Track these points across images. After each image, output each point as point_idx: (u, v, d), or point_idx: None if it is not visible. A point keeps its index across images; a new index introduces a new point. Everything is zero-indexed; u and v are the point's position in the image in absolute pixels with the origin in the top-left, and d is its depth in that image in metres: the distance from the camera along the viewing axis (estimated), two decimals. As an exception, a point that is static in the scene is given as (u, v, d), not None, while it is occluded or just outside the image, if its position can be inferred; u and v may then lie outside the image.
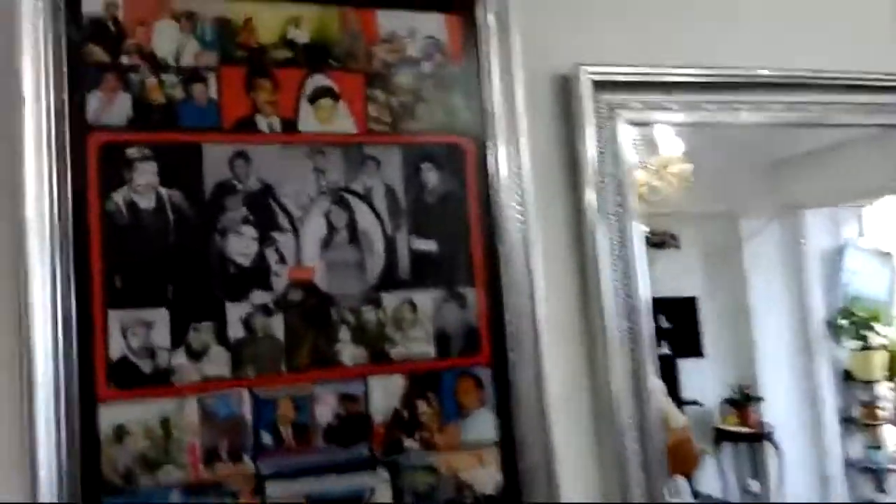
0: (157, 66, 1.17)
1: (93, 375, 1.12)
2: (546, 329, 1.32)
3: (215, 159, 1.18)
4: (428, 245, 1.27)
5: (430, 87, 1.31)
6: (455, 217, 1.28)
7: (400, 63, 1.29)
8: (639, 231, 1.44)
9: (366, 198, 1.25)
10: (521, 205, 1.36)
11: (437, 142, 1.29)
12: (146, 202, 1.15)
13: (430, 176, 1.29)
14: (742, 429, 1.98)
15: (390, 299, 1.23)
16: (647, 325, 1.42)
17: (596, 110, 1.38)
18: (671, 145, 1.86)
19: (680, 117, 1.50)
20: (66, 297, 1.11)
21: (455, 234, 1.27)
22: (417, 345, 1.25)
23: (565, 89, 1.39)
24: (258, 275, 1.19)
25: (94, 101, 1.13)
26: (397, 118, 1.28)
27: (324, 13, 1.26)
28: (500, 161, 1.30)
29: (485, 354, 1.30)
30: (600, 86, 1.36)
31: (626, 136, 1.46)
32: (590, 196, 1.36)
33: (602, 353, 1.29)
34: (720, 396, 1.97)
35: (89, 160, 1.12)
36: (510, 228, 1.30)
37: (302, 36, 1.28)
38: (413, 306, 1.25)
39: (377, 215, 1.26)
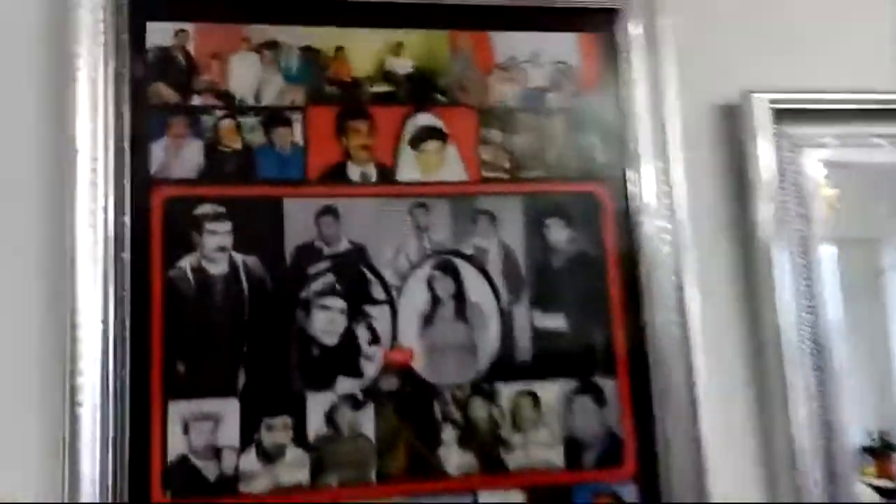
0: (234, 106, 1.03)
1: (147, 479, 0.93)
2: (710, 434, 0.97)
3: (299, 217, 1.02)
4: (555, 322, 1.06)
5: (558, 124, 1.11)
6: (590, 286, 1.07)
7: (521, 95, 1.10)
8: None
9: (478, 262, 1.05)
10: (676, 272, 1.06)
11: (567, 191, 1.09)
12: (217, 269, 0.99)
13: (559, 234, 1.08)
14: (882, 482, 1.50)
15: (507, 391, 1.03)
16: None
17: (776, 145, 1.04)
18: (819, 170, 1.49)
19: (847, 149, 1.21)
20: (119, 384, 0.94)
21: (590, 307, 1.06)
22: (541, 451, 1.03)
23: (732, 120, 1.16)
24: (346, 357, 1.02)
25: (158, 149, 0.99)
26: (518, 163, 1.08)
27: (429, 38, 1.09)
28: (649, 213, 1.08)
29: (629, 467, 1.02)
30: (779, 115, 1.13)
31: (810, 172, 1.10)
32: (770, 257, 1.09)
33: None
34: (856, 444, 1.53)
35: (152, 219, 0.98)
36: (662, 300, 1.07)
37: (403, 66, 1.10)
38: (535, 400, 1.03)
39: (491, 284, 1.06)
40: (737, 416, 1.06)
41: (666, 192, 1.07)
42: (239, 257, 0.99)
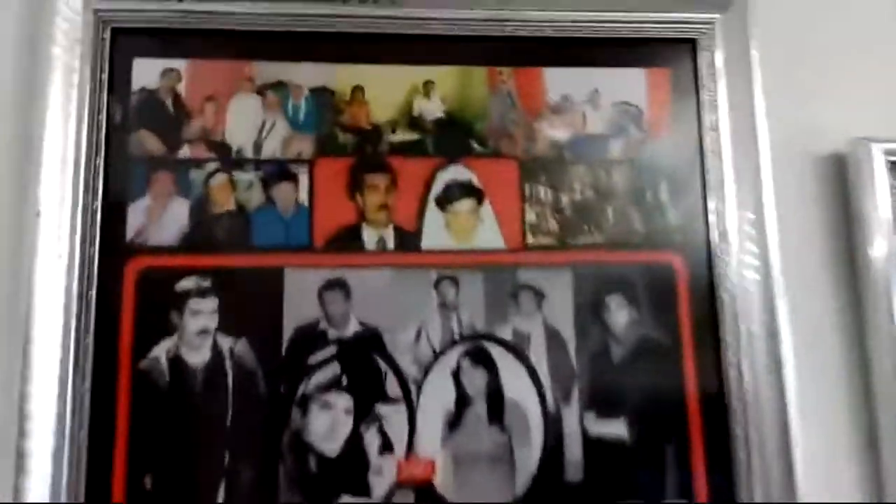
0: (229, 159, 0.90)
1: None
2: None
3: (300, 292, 0.87)
4: (615, 429, 0.89)
5: (621, 177, 0.95)
6: (660, 383, 0.89)
7: (576, 142, 0.95)
8: None
9: (518, 350, 0.89)
10: (775, 359, 0.87)
11: (632, 261, 0.92)
12: (198, 357, 0.84)
13: (620, 315, 0.91)
14: None
15: None
16: None
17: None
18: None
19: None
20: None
21: (660, 411, 0.88)
22: None
23: (838, 171, 0.97)
24: (350, 470, 0.84)
25: (137, 211, 0.87)
26: (570, 227, 0.93)
27: (464, 75, 0.95)
28: (736, 288, 0.90)
29: None
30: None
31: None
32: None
33: None
34: None
35: (124, 295, 0.84)
36: (756, 406, 0.88)
37: (433, 109, 0.94)
38: None
39: (534, 379, 0.89)
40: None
41: (761, 256, 0.88)
42: (225, 342, 0.85)
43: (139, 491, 0.80)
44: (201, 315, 0.85)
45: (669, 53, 0.97)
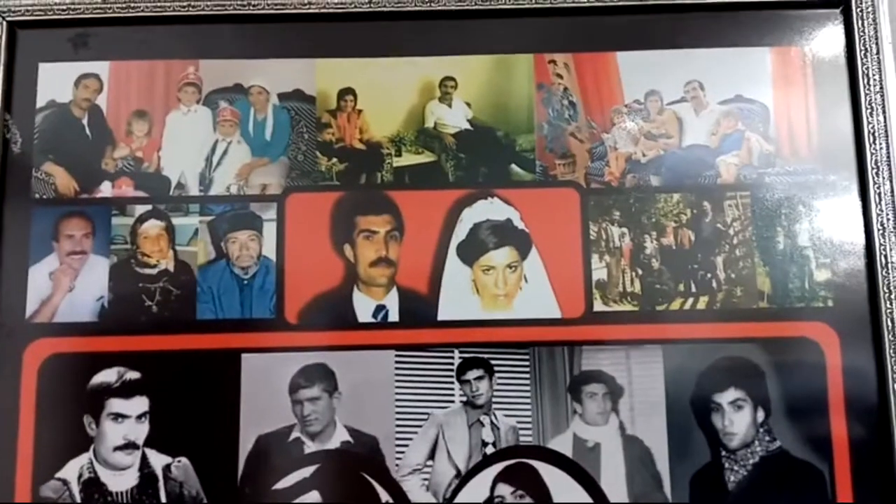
0: (166, 197, 0.88)
1: None
2: None
3: (264, 385, 0.84)
4: None
5: (737, 212, 0.88)
6: None
7: (667, 161, 0.90)
8: None
9: (581, 471, 0.84)
10: None
11: (755, 337, 0.86)
12: (121, 482, 0.82)
13: (738, 420, 0.85)
14: None
15: None
16: None
17: None
18: None
19: None
20: None
21: None
22: None
23: None
24: None
25: (40, 276, 0.86)
26: (659, 287, 0.87)
27: (500, 67, 0.92)
28: None
29: None
30: None
31: None
32: None
33: None
34: None
35: (21, 394, 0.83)
36: None
37: (455, 118, 0.90)
38: None
39: None
40: None
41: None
42: (158, 461, 0.83)
43: None
44: (125, 421, 0.83)
45: (808, 24, 0.90)
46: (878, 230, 0.87)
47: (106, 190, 0.88)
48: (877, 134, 0.88)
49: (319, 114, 0.90)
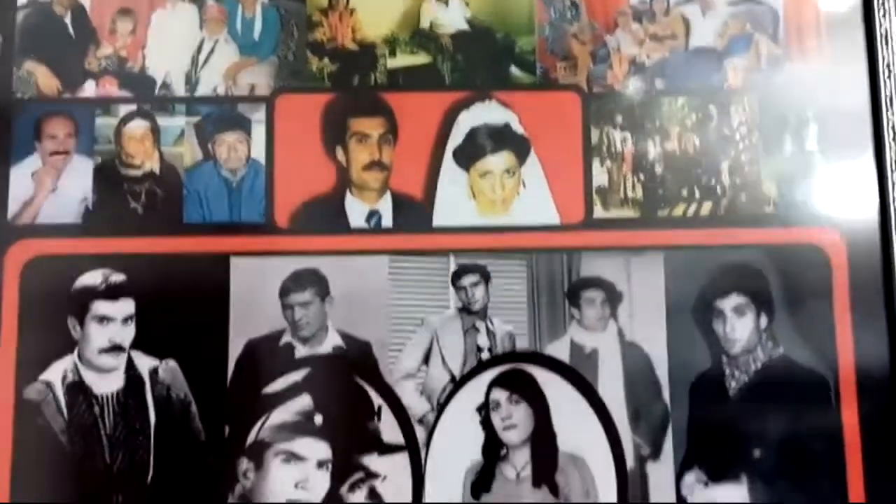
0: (151, 97, 0.96)
1: None
2: None
3: (254, 289, 0.92)
4: (731, 496, 0.90)
5: (744, 116, 0.96)
6: (805, 427, 0.90)
7: (672, 64, 0.97)
8: None
9: (578, 376, 0.92)
10: None
11: (758, 242, 0.94)
12: (106, 384, 0.91)
13: (740, 325, 0.93)
14: None
15: None
16: None
17: None
18: None
19: None
20: None
21: (805, 469, 0.90)
22: None
23: None
24: None
25: (22, 177, 0.94)
26: (661, 192, 0.95)
27: None
28: None
29: None
30: None
31: None
32: None
33: None
34: None
35: (3, 296, 0.91)
36: None
37: (451, 17, 0.98)
38: None
39: (604, 418, 0.91)
40: None
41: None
42: (145, 363, 0.91)
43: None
44: (111, 324, 0.91)
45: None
46: (888, 135, 0.95)
47: (89, 89, 0.97)
48: (890, 37, 0.96)
49: (310, 12, 0.98)
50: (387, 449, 0.91)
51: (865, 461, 0.90)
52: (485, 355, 0.93)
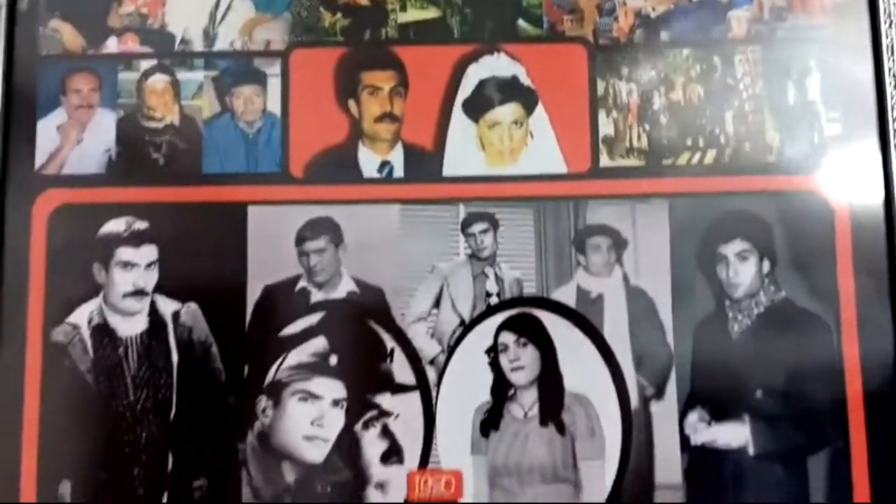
0: (171, 53, 0.99)
1: None
2: None
3: (270, 237, 0.95)
4: (732, 434, 0.92)
5: (748, 67, 0.98)
6: (805, 368, 0.92)
7: (677, 14, 0.99)
8: None
9: (584, 320, 0.94)
10: None
11: (761, 190, 0.96)
12: (130, 326, 0.94)
13: (743, 270, 0.95)
14: None
15: None
16: None
17: None
18: None
19: None
20: None
21: (805, 409, 0.92)
22: None
23: None
24: (342, 485, 0.92)
25: (48, 129, 0.97)
26: (666, 142, 0.97)
27: None
28: None
29: None
30: None
31: None
32: None
33: None
34: None
35: (32, 243, 0.95)
36: None
37: None
38: None
39: (609, 360, 0.94)
40: None
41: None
42: (167, 307, 0.94)
43: (54, 502, 0.90)
44: (134, 269, 0.94)
45: None
46: (890, 83, 0.97)
47: (112, 46, 0.99)
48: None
49: (325, -31, 1.00)
50: (399, 389, 0.93)
51: (866, 402, 0.91)
52: (493, 300, 0.95)
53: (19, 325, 0.93)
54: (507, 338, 0.94)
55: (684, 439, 0.92)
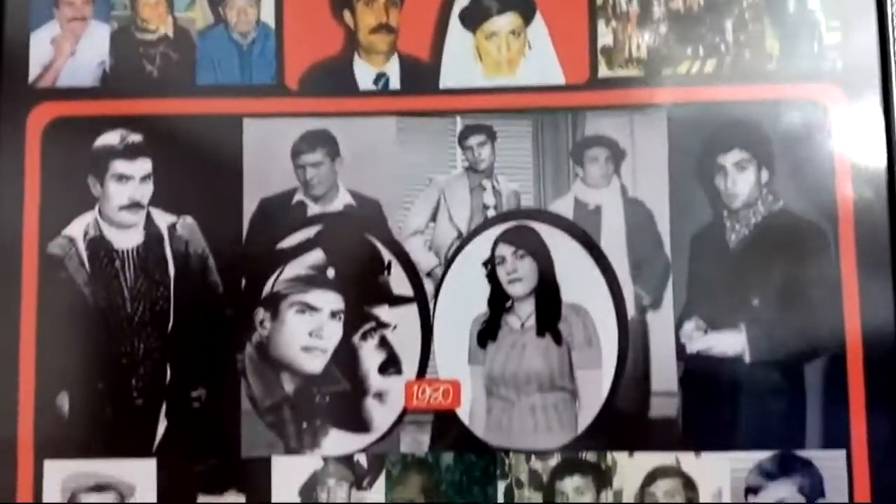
0: None
1: None
2: None
3: (266, 149, 0.95)
4: (728, 342, 0.92)
5: None
6: (802, 277, 0.92)
7: None
8: None
9: (579, 232, 0.94)
10: None
11: (760, 99, 0.95)
12: (127, 239, 0.94)
13: (741, 180, 0.95)
14: None
15: (631, 469, 0.91)
16: None
17: None
18: None
19: None
20: None
21: (801, 316, 0.91)
22: None
23: None
24: (340, 395, 0.92)
25: (41, 42, 0.96)
26: (665, 51, 0.96)
27: None
28: None
29: None
30: None
31: None
32: None
33: None
34: None
35: (26, 156, 0.94)
36: None
37: None
38: (687, 491, 0.90)
39: (606, 271, 0.94)
40: None
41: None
42: (163, 220, 0.95)
43: (52, 414, 0.91)
44: (129, 182, 0.94)
45: None
46: (891, -10, 0.95)
47: (105, -47, 0.98)
48: None
49: None
50: (397, 301, 0.93)
51: (863, 309, 0.91)
52: (490, 213, 0.95)
53: (15, 239, 0.93)
54: (505, 250, 0.94)
55: (680, 348, 0.92)
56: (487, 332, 0.93)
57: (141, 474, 0.91)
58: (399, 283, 0.94)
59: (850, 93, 0.94)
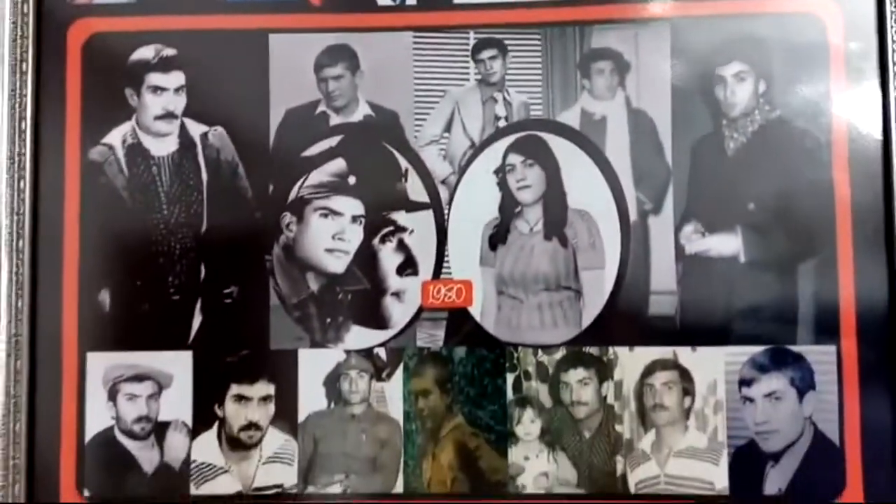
0: None
1: (53, 469, 0.96)
2: None
3: (291, 63, 0.99)
4: (725, 244, 0.96)
5: None
6: (798, 183, 0.96)
7: None
8: None
9: (587, 140, 0.97)
10: None
11: (758, 12, 0.97)
12: (162, 147, 0.99)
13: (739, 90, 0.98)
14: None
15: (631, 363, 0.96)
16: None
17: None
18: None
19: None
20: (14, 325, 0.95)
21: (795, 219, 0.96)
22: (688, 466, 0.94)
23: None
24: (361, 293, 0.98)
25: None
26: None
27: None
28: None
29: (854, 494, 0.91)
30: None
31: None
32: None
33: None
34: None
35: (67, 69, 0.99)
36: None
37: None
38: (683, 382, 0.94)
39: (610, 178, 0.98)
40: None
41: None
42: (196, 129, 0.99)
43: (94, 309, 0.97)
44: (164, 94, 0.99)
45: None
46: None
47: None
48: None
49: None
50: (413, 206, 0.98)
51: (854, 212, 0.94)
52: (501, 123, 0.99)
53: (58, 146, 0.98)
54: (515, 159, 0.98)
55: (679, 250, 0.96)
56: (498, 236, 0.98)
57: (178, 365, 0.97)
58: (415, 189, 0.98)
59: (846, 7, 0.96)
